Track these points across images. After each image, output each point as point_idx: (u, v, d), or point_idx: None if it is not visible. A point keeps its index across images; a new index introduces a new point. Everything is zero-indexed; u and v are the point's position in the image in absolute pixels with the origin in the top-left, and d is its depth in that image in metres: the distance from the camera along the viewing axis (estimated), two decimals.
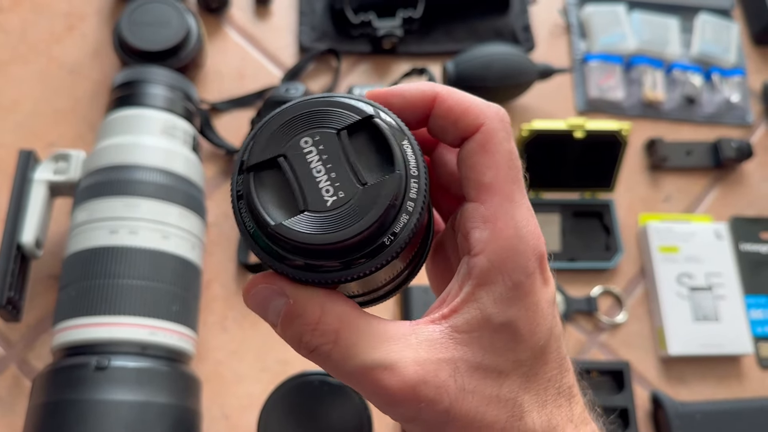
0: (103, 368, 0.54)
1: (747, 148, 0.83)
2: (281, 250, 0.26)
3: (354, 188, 0.26)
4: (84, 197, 0.62)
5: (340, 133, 0.26)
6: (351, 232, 0.25)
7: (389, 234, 0.26)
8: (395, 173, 0.26)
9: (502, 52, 0.79)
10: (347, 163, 0.26)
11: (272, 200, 0.26)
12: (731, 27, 0.92)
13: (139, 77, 0.69)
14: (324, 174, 0.26)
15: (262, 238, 0.26)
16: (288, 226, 0.25)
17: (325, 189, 0.26)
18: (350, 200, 0.25)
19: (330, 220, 0.25)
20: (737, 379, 0.74)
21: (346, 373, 0.27)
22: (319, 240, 0.25)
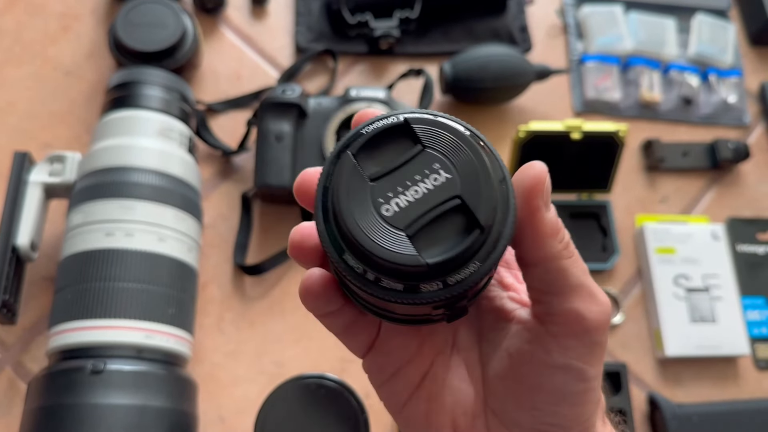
0: (98, 372, 0.53)
1: (744, 149, 0.83)
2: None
3: (409, 227, 0.26)
4: (79, 199, 0.62)
5: (455, 199, 0.26)
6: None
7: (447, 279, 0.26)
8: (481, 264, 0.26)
9: (499, 52, 0.79)
10: (430, 212, 0.26)
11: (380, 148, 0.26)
12: (728, 27, 0.92)
13: (134, 78, 0.68)
14: (412, 195, 0.26)
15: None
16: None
17: (397, 202, 0.26)
18: (394, 230, 0.25)
19: (372, 222, 0.25)
20: (734, 380, 0.74)
21: (576, 276, 0.29)
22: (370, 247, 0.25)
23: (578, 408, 0.30)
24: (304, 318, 0.71)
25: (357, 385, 0.56)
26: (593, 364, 0.30)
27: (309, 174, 0.30)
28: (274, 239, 0.74)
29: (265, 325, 0.71)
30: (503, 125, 0.83)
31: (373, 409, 0.65)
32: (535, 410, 0.30)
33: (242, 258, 0.72)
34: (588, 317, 0.29)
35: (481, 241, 0.25)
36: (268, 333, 0.70)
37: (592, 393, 0.30)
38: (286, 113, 0.73)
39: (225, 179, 0.77)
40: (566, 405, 0.30)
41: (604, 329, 0.30)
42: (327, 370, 0.58)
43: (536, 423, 0.31)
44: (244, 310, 0.71)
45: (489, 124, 0.83)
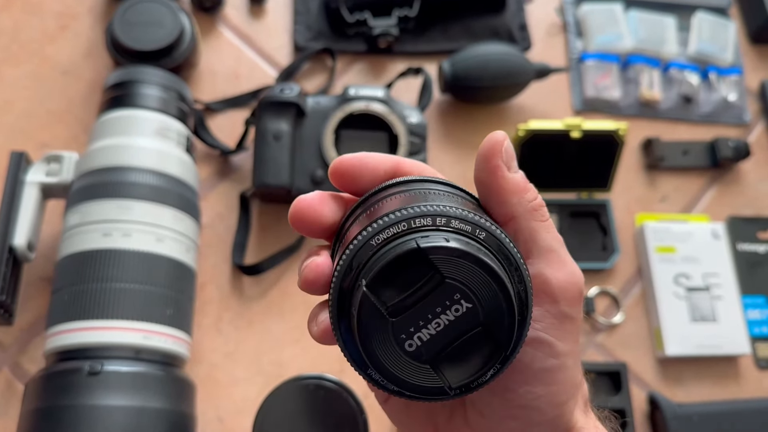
0: (96, 373, 0.53)
1: (744, 148, 0.83)
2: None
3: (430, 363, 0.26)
4: (77, 199, 0.61)
5: (480, 326, 0.26)
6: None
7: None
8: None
9: (498, 51, 0.79)
10: (452, 346, 0.26)
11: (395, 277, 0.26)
12: (728, 25, 0.92)
13: (132, 78, 0.68)
14: (433, 331, 0.26)
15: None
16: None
17: (418, 337, 0.26)
18: (416, 364, 0.26)
19: (393, 357, 0.26)
20: (735, 379, 0.74)
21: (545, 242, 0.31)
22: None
23: (551, 387, 0.29)
24: (302, 318, 0.71)
25: (356, 385, 0.56)
26: (563, 338, 0.29)
27: (303, 202, 0.31)
28: (272, 239, 0.74)
29: (263, 325, 0.70)
30: (502, 124, 0.83)
31: (373, 409, 0.65)
32: (507, 391, 0.30)
33: (240, 258, 0.72)
34: (554, 284, 0.29)
35: (508, 355, 0.26)
36: (267, 333, 0.70)
37: (566, 371, 0.30)
38: (285, 112, 0.72)
39: (223, 179, 0.77)
40: (537, 383, 0.29)
41: (574, 301, 0.30)
42: (326, 370, 0.58)
43: (509, 406, 0.30)
44: (242, 311, 0.71)
45: (488, 123, 0.83)
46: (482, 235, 0.26)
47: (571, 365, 0.30)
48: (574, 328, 0.30)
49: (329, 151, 0.72)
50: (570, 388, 0.30)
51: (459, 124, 0.82)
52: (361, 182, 0.31)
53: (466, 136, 0.82)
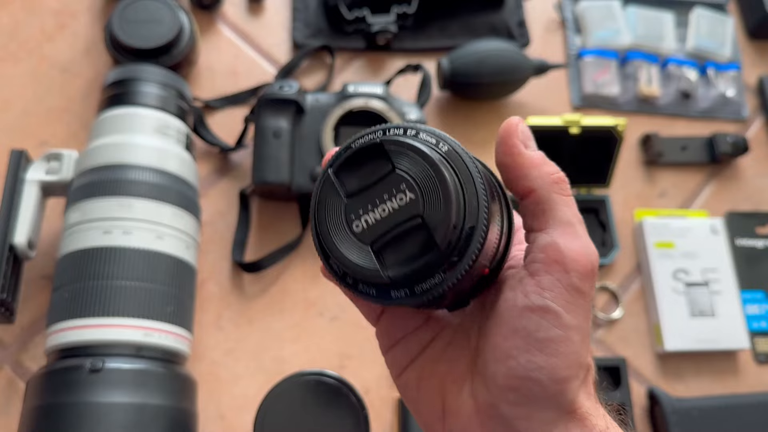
0: (97, 370, 0.53)
1: (742, 143, 0.83)
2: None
3: (372, 244, 0.28)
4: (77, 197, 0.61)
5: (416, 219, 0.28)
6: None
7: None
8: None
9: (496, 48, 0.79)
10: (393, 229, 0.28)
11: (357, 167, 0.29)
12: (726, 21, 0.92)
13: (131, 75, 0.68)
14: (379, 213, 0.28)
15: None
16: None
17: (365, 220, 0.28)
18: (361, 245, 0.28)
19: (342, 235, 0.29)
20: (734, 374, 0.74)
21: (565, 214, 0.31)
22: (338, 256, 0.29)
23: (552, 359, 0.29)
24: (303, 315, 0.71)
25: (356, 381, 0.56)
26: (571, 311, 0.29)
27: None
28: (272, 236, 0.74)
29: (264, 322, 0.70)
30: (501, 120, 0.81)
31: (373, 405, 0.65)
32: (510, 359, 0.30)
33: (241, 255, 0.72)
34: (566, 254, 0.30)
35: (445, 256, 0.27)
36: (267, 330, 0.70)
37: (570, 345, 0.29)
38: (284, 110, 0.72)
39: (223, 176, 0.77)
40: (539, 353, 0.29)
41: (586, 274, 0.30)
42: (326, 366, 0.58)
43: (510, 376, 0.30)
44: (243, 308, 0.71)
45: (487, 120, 0.83)
46: (444, 148, 0.29)
47: (577, 341, 0.30)
48: (584, 303, 0.30)
49: (328, 148, 0.72)
50: (573, 365, 0.30)
51: (458, 120, 0.82)
52: None
53: (465, 133, 0.82)
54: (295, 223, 0.74)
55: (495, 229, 0.29)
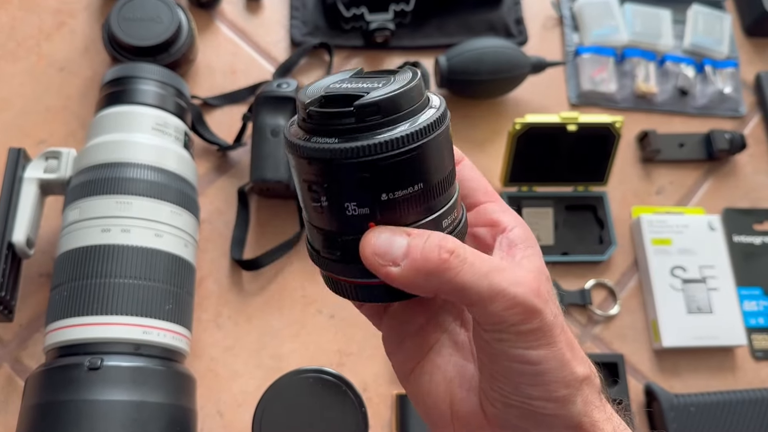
0: (96, 368, 0.53)
1: (740, 140, 0.83)
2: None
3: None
4: (75, 196, 0.62)
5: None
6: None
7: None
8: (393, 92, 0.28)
9: (494, 45, 0.79)
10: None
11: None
12: (723, 18, 0.92)
13: (129, 74, 0.68)
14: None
15: None
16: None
17: (342, 83, 0.30)
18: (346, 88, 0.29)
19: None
20: (731, 370, 0.74)
21: (482, 272, 0.29)
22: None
23: (544, 387, 0.30)
24: (302, 312, 0.71)
25: (355, 379, 0.56)
26: (533, 348, 0.30)
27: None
28: (271, 234, 0.74)
29: (262, 319, 0.71)
30: (499, 118, 0.83)
31: (372, 402, 0.66)
32: (504, 390, 0.31)
33: (239, 253, 0.72)
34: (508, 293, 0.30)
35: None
36: (266, 328, 0.70)
37: (551, 374, 0.30)
38: (282, 107, 0.72)
39: (221, 174, 0.77)
40: (530, 387, 0.30)
41: (523, 320, 0.29)
42: (325, 364, 0.58)
43: (508, 404, 0.31)
44: (241, 305, 0.71)
45: (485, 117, 0.83)
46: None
47: (557, 366, 0.30)
48: (541, 336, 0.30)
49: None
50: (563, 387, 0.30)
51: (456, 118, 0.83)
52: None
53: (463, 131, 0.82)
54: (294, 221, 0.75)
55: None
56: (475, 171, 0.35)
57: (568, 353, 0.31)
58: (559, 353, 0.30)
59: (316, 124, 0.28)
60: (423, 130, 0.28)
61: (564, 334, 0.31)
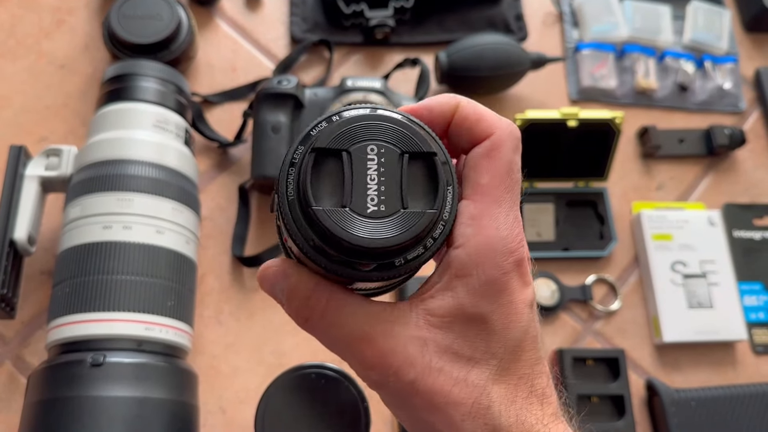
0: (98, 365, 0.53)
1: (740, 136, 0.83)
2: (310, 230, 0.28)
3: (395, 208, 0.28)
4: (76, 193, 0.62)
5: (403, 155, 0.28)
6: (377, 243, 0.27)
7: (402, 257, 0.28)
8: (433, 212, 0.28)
9: (494, 41, 0.79)
10: (399, 183, 0.28)
11: (321, 185, 0.28)
12: (723, 14, 0.92)
13: (129, 71, 0.68)
14: (375, 184, 0.28)
15: (297, 212, 0.28)
16: (327, 215, 0.27)
17: (370, 197, 0.28)
18: (387, 217, 0.28)
19: (364, 225, 0.27)
20: (732, 365, 0.74)
21: (331, 340, 0.31)
22: (346, 237, 0.27)
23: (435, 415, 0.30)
24: None
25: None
26: (394, 406, 0.32)
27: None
28: (271, 230, 0.74)
29: (264, 315, 0.71)
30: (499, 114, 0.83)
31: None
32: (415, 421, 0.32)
33: (240, 249, 0.72)
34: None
35: (432, 223, 0.28)
36: (268, 324, 0.70)
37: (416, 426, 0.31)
38: (283, 104, 0.72)
39: (222, 171, 0.77)
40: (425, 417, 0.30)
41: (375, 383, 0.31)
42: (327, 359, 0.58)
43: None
44: (243, 302, 0.71)
45: None
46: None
47: (413, 422, 0.31)
48: (396, 395, 0.30)
49: None
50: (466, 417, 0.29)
51: None
52: None
53: None
54: None
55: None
56: (489, 155, 0.31)
57: (427, 415, 0.30)
58: (414, 416, 0.30)
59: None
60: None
61: (418, 397, 0.29)
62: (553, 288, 0.75)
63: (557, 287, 0.74)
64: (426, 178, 0.29)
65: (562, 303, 0.74)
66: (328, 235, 0.27)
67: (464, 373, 0.29)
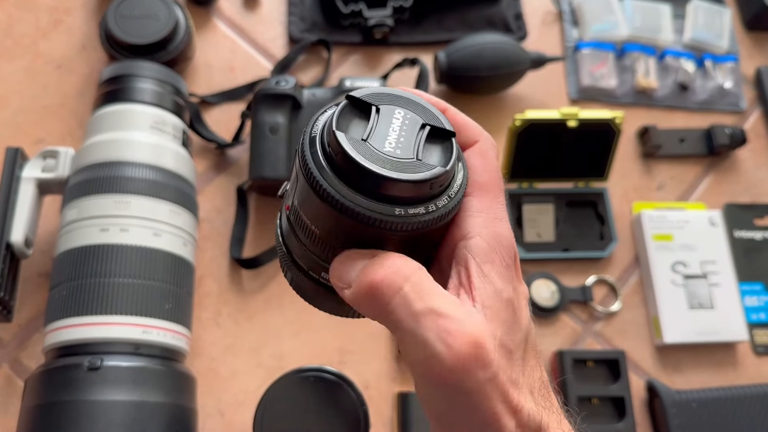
0: (95, 368, 0.53)
1: (740, 135, 0.83)
2: (332, 172, 0.29)
3: (410, 155, 0.29)
4: (73, 195, 0.61)
5: (425, 126, 0.30)
6: (397, 175, 0.28)
7: (426, 205, 0.29)
8: (445, 168, 0.29)
9: (493, 41, 0.79)
10: (416, 142, 0.29)
11: (347, 127, 0.30)
12: (724, 13, 0.91)
13: (126, 72, 0.68)
14: (395, 136, 0.29)
15: (319, 157, 0.29)
16: (350, 142, 0.28)
17: (389, 142, 0.29)
18: (402, 158, 0.29)
19: (381, 159, 0.28)
20: (732, 366, 0.74)
21: (413, 311, 0.28)
22: (368, 165, 0.28)
23: None
24: (302, 311, 0.71)
25: (356, 377, 0.56)
26: (446, 401, 0.29)
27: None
28: (270, 232, 0.74)
29: (262, 318, 0.70)
30: (499, 114, 0.83)
31: (373, 400, 0.65)
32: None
33: (239, 251, 0.72)
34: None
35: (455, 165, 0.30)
36: (266, 326, 0.70)
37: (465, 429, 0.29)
38: (281, 105, 0.72)
39: (220, 172, 0.76)
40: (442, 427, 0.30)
41: (441, 380, 0.28)
42: (326, 362, 0.58)
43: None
44: (241, 304, 0.71)
45: (485, 113, 0.83)
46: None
47: (477, 424, 0.29)
48: (461, 394, 0.28)
49: None
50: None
51: None
52: None
53: None
54: None
55: None
56: (482, 157, 0.32)
57: (499, 406, 0.28)
58: (483, 413, 0.28)
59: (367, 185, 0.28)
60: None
61: (498, 389, 0.28)
62: (553, 289, 0.74)
63: (557, 288, 0.74)
64: (442, 149, 0.30)
65: (562, 304, 0.74)
66: (354, 167, 0.28)
67: (509, 369, 0.29)
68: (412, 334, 0.28)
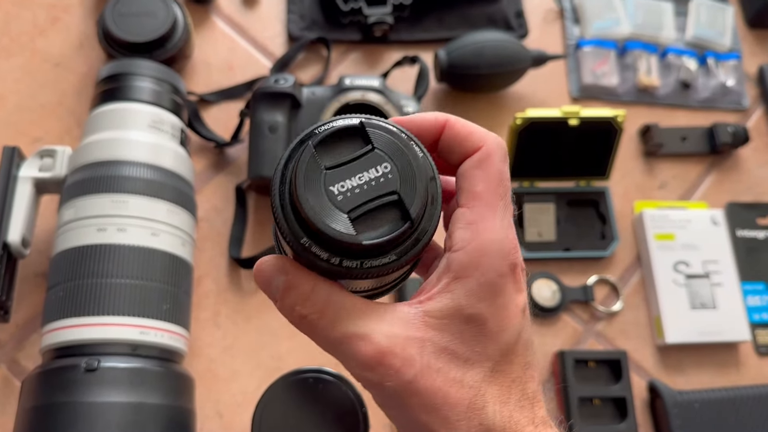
0: (93, 370, 0.53)
1: (743, 133, 0.82)
2: (294, 219, 0.30)
3: (352, 208, 0.29)
4: (71, 194, 0.61)
5: (393, 194, 0.29)
6: (369, 238, 0.28)
7: (369, 260, 0.29)
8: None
9: (494, 38, 0.78)
10: (370, 202, 0.29)
11: (339, 143, 0.30)
12: (726, 10, 0.91)
13: (124, 70, 0.67)
14: (357, 183, 0.29)
15: (286, 201, 0.30)
16: (309, 200, 0.29)
17: (349, 184, 0.29)
18: (341, 209, 0.29)
19: (326, 206, 0.29)
20: (735, 366, 0.74)
21: (328, 340, 0.31)
22: (322, 227, 0.28)
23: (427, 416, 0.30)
24: None
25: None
26: (387, 407, 0.32)
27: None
28: (269, 231, 0.73)
29: (261, 319, 0.70)
30: (500, 112, 0.82)
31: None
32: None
33: (237, 251, 0.72)
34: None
35: (407, 236, 0.29)
36: (265, 327, 0.70)
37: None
38: (280, 103, 0.71)
39: (218, 171, 0.76)
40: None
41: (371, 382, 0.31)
42: (324, 363, 0.57)
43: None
44: (240, 305, 0.70)
45: (485, 112, 0.82)
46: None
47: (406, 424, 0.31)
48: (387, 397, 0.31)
49: None
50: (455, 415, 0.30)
51: (456, 113, 0.80)
52: None
53: None
54: None
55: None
56: (481, 165, 0.32)
57: (423, 416, 0.30)
58: (408, 414, 0.30)
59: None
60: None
61: (415, 397, 0.30)
62: (554, 288, 0.74)
63: (558, 288, 0.74)
64: (401, 218, 0.29)
65: (564, 304, 0.73)
66: (305, 220, 0.29)
67: (461, 373, 0.30)
68: (337, 356, 0.31)
